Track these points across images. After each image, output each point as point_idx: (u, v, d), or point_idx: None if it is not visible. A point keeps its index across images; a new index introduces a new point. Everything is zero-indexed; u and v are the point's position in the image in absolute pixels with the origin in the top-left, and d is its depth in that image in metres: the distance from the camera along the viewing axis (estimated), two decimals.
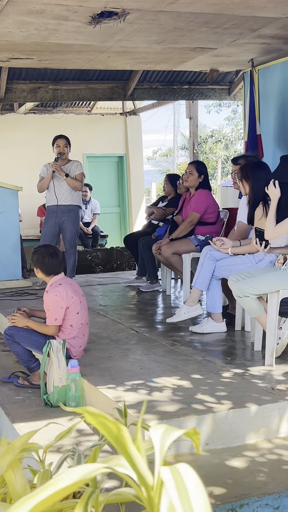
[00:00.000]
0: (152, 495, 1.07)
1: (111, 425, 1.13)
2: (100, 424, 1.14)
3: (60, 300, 3.88)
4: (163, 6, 4.96)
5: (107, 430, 1.13)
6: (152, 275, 6.76)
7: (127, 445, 1.10)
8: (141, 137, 13.35)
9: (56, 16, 5.15)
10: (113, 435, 1.12)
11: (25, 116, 12.00)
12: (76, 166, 6.83)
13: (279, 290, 3.82)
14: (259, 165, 4.60)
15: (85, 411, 1.17)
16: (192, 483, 1.03)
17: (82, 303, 4.02)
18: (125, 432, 1.11)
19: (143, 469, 1.08)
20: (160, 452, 1.11)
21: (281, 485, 2.54)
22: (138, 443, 1.11)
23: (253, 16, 5.37)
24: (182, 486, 1.02)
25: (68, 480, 1.05)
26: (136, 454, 1.09)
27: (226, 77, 9.13)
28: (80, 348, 4.05)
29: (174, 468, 1.06)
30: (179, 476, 1.04)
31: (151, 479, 1.08)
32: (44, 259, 3.99)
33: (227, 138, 27.87)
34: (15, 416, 3.45)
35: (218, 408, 3.05)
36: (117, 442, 1.11)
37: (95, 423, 1.15)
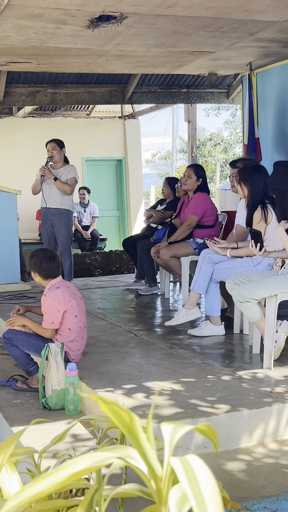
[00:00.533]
0: (160, 486, 1.08)
1: (124, 414, 1.14)
2: (113, 412, 1.15)
3: (58, 303, 3.88)
4: (161, 10, 4.98)
5: (120, 419, 1.14)
6: (150, 278, 6.76)
7: (139, 435, 1.11)
8: (140, 141, 13.37)
9: (55, 20, 5.17)
10: (125, 424, 1.13)
11: (24, 120, 12.02)
12: (69, 171, 6.78)
13: (277, 294, 3.82)
14: (257, 168, 4.61)
15: (100, 398, 1.18)
16: (202, 472, 1.05)
17: (80, 306, 4.02)
18: (137, 421, 1.12)
19: (153, 459, 1.10)
20: (169, 444, 1.12)
21: (279, 488, 2.54)
22: (148, 434, 1.12)
23: (251, 19, 5.39)
24: (193, 476, 1.04)
25: (80, 465, 1.06)
26: (146, 445, 1.10)
27: (224, 80, 9.15)
28: (79, 351, 4.05)
29: (184, 459, 1.08)
30: (189, 466, 1.06)
31: (160, 470, 1.09)
32: (41, 262, 3.99)
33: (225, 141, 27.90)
34: (13, 419, 3.45)
35: (216, 411, 3.05)
36: (129, 431, 1.12)
37: (108, 412, 1.16)
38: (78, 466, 1.06)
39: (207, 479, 1.04)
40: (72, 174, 6.77)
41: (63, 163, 6.85)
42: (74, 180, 6.79)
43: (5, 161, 11.73)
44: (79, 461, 1.07)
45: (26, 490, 1.04)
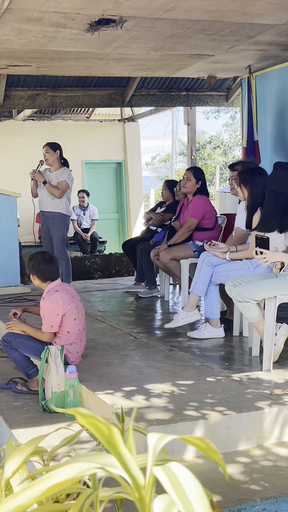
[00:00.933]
0: (143, 495, 1.08)
1: (102, 427, 1.14)
2: (91, 425, 1.15)
3: (57, 307, 3.89)
4: (160, 14, 5.00)
5: (99, 431, 1.14)
6: (150, 281, 6.77)
7: (118, 446, 1.11)
8: (140, 143, 13.40)
9: (54, 23, 5.19)
10: (105, 436, 1.13)
11: (24, 123, 12.04)
12: (61, 174, 6.67)
13: (276, 296, 3.83)
14: (257, 171, 4.62)
15: (77, 412, 1.18)
16: (185, 478, 1.05)
17: (78, 309, 4.02)
18: (116, 433, 1.12)
19: (134, 469, 1.09)
20: (153, 453, 1.13)
21: (279, 490, 2.54)
22: (129, 444, 1.13)
23: (250, 23, 5.41)
24: (177, 482, 1.04)
25: (60, 477, 1.06)
26: (127, 455, 1.10)
27: (223, 83, 9.17)
28: (78, 354, 4.05)
29: (166, 467, 1.08)
30: (171, 473, 1.06)
31: (142, 480, 1.09)
32: (39, 265, 4.01)
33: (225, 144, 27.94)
34: (13, 422, 3.46)
35: (215, 413, 3.06)
36: (109, 443, 1.12)
37: (86, 424, 1.16)
38: (57, 478, 1.05)
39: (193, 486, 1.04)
40: (63, 177, 6.63)
41: (58, 166, 6.74)
42: (65, 183, 6.63)
43: (5, 164, 11.75)
44: (59, 473, 1.06)
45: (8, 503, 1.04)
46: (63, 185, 6.63)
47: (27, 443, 1.65)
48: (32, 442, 1.64)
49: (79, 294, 4.25)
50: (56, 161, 6.74)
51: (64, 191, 6.64)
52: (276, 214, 4.01)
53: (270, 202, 4.02)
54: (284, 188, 3.94)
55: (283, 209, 3.98)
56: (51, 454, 1.99)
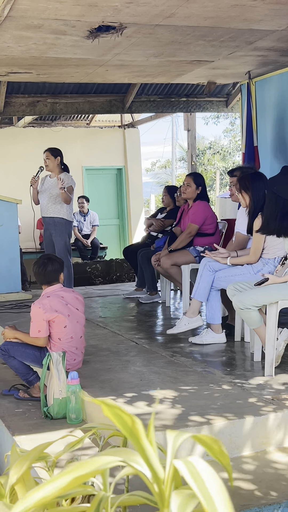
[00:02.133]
0: (163, 489, 1.10)
1: (127, 418, 1.15)
2: (116, 416, 1.16)
3: (42, 313, 3.88)
4: (160, 20, 5.01)
5: (122, 423, 1.15)
6: (151, 287, 6.77)
7: (141, 438, 1.12)
8: (140, 149, 13.42)
9: (54, 30, 5.20)
10: (128, 427, 1.14)
11: (24, 130, 12.07)
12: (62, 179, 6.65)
13: (278, 301, 3.83)
14: (257, 176, 4.63)
15: (102, 402, 1.19)
16: (207, 473, 1.06)
17: (71, 316, 3.97)
18: (140, 425, 1.13)
19: (155, 462, 1.11)
20: (172, 448, 1.14)
21: (282, 496, 2.54)
22: (150, 437, 1.14)
23: (250, 29, 5.42)
24: (198, 477, 1.06)
25: (85, 469, 1.07)
26: (149, 448, 1.11)
27: (223, 89, 9.20)
28: (75, 361, 4.02)
29: (187, 461, 1.09)
30: (193, 468, 1.07)
31: (162, 473, 1.10)
32: (34, 268, 4.10)
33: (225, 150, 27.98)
34: (15, 428, 3.45)
35: (218, 418, 3.05)
36: (131, 434, 1.13)
37: (110, 415, 1.17)
38: (83, 469, 1.07)
39: (213, 479, 1.05)
40: (68, 183, 6.63)
41: (58, 172, 6.73)
42: (71, 188, 6.68)
43: (5, 170, 11.77)
44: (84, 465, 1.08)
45: (33, 495, 1.05)
46: (71, 190, 6.68)
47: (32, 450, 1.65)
48: (37, 449, 1.65)
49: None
50: (56, 168, 6.74)
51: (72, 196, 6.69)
52: (275, 219, 4.01)
53: (270, 204, 4.02)
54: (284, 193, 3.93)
55: (281, 214, 3.98)
56: (56, 459, 1.99)
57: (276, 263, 4.37)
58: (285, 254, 4.19)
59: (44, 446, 1.73)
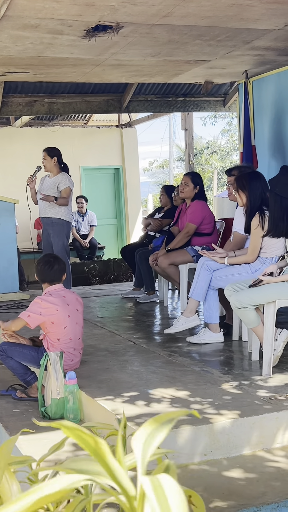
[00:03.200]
0: (134, 506, 1.07)
1: (89, 439, 1.13)
2: (78, 437, 1.14)
3: (43, 306, 3.90)
4: (156, 20, 5.01)
5: (85, 444, 1.13)
6: (149, 286, 6.77)
7: (106, 458, 1.10)
8: (137, 149, 13.41)
9: (51, 30, 5.20)
10: (91, 448, 1.12)
11: (21, 129, 12.06)
12: (60, 180, 6.62)
13: (275, 300, 3.83)
14: (254, 175, 4.63)
15: (61, 425, 1.17)
16: (172, 493, 1.03)
17: (71, 317, 3.99)
18: (103, 445, 1.11)
19: (124, 480, 1.08)
20: (142, 461, 1.11)
21: (280, 495, 2.54)
22: (118, 455, 1.12)
23: (247, 28, 5.42)
24: (163, 496, 1.02)
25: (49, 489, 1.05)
26: (116, 466, 1.09)
27: (220, 88, 9.19)
28: (72, 362, 4.02)
29: (155, 478, 1.06)
30: (159, 485, 1.04)
31: (133, 490, 1.08)
32: (38, 265, 4.10)
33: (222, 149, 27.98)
34: (13, 429, 3.44)
35: (216, 418, 3.05)
36: (96, 455, 1.11)
37: (72, 437, 1.15)
38: (48, 489, 1.05)
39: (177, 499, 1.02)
40: (65, 184, 6.58)
41: (57, 172, 6.68)
42: (69, 189, 6.61)
43: (2, 170, 11.75)
44: (50, 484, 1.06)
45: None
46: (67, 192, 6.61)
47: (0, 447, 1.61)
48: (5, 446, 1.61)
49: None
50: (54, 167, 6.68)
51: (69, 197, 6.63)
52: (282, 220, 3.99)
53: (275, 207, 4.00)
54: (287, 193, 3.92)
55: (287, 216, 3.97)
56: (40, 462, 1.97)
57: (274, 262, 4.37)
58: (283, 253, 4.19)
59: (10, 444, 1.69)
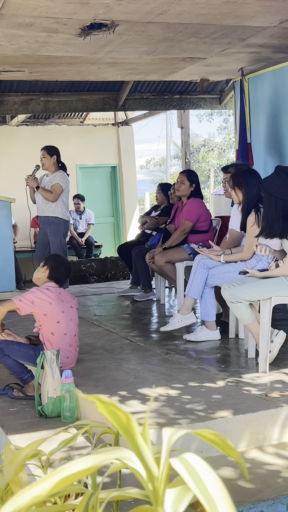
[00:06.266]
0: (157, 487, 1.09)
1: (122, 415, 1.15)
2: (111, 413, 1.16)
3: (37, 297, 3.92)
4: (151, 17, 5.00)
5: (117, 420, 1.15)
6: (146, 284, 6.77)
7: (135, 435, 1.12)
8: (134, 147, 13.41)
9: (46, 28, 5.19)
10: (123, 424, 1.14)
11: (17, 128, 12.04)
12: (55, 177, 6.60)
13: (271, 297, 3.83)
14: (250, 173, 4.63)
15: (97, 398, 1.19)
16: (203, 469, 1.06)
17: (66, 313, 4.00)
18: (134, 422, 1.13)
19: (150, 460, 1.11)
20: (167, 445, 1.14)
21: (276, 492, 2.54)
22: (145, 435, 1.13)
23: (242, 25, 5.42)
24: (195, 473, 1.05)
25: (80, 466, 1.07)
26: (143, 445, 1.11)
27: (216, 86, 9.19)
28: (68, 358, 4.02)
29: (182, 458, 1.09)
30: (188, 464, 1.07)
31: (157, 471, 1.10)
32: (61, 266, 4.14)
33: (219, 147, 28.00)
34: (10, 427, 3.44)
35: (212, 416, 3.06)
36: (126, 431, 1.13)
37: (105, 412, 1.17)
38: (77, 467, 1.07)
39: (211, 476, 1.05)
40: (56, 180, 6.55)
41: (55, 170, 6.66)
42: (58, 186, 6.54)
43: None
44: (79, 463, 1.08)
45: (24, 494, 1.05)
46: (56, 188, 6.53)
47: (25, 447, 1.65)
48: (30, 446, 1.65)
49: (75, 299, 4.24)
50: (52, 166, 6.65)
51: (57, 194, 6.53)
52: (277, 221, 3.98)
53: (270, 208, 3.98)
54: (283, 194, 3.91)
55: (283, 215, 3.96)
56: (49, 456, 1.99)
57: (270, 259, 4.37)
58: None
59: (38, 443, 1.73)
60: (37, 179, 6.69)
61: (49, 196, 6.52)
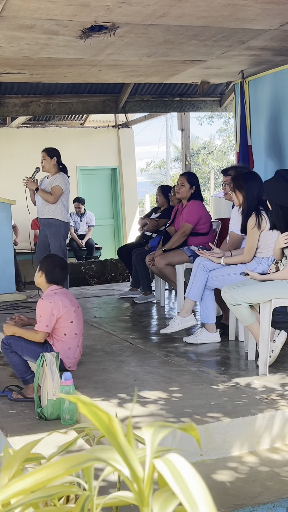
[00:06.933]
0: (142, 488, 1.08)
1: (103, 415, 1.13)
2: (92, 414, 1.15)
3: (54, 307, 3.91)
4: (152, 20, 5.01)
5: (99, 420, 1.13)
6: (146, 287, 6.76)
7: (118, 436, 1.10)
8: (134, 149, 13.41)
9: (47, 30, 5.19)
10: (105, 425, 1.13)
11: (18, 130, 12.04)
12: (54, 178, 6.60)
13: (271, 299, 3.83)
14: (250, 175, 4.63)
15: (78, 399, 1.18)
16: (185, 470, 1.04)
17: (76, 313, 4.05)
18: (117, 423, 1.11)
19: (134, 461, 1.09)
20: (151, 445, 1.12)
21: (275, 495, 2.54)
22: (129, 435, 1.12)
23: (242, 28, 5.42)
24: (178, 475, 1.04)
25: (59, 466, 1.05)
26: (127, 446, 1.09)
27: (217, 88, 9.20)
28: (75, 359, 4.05)
29: (166, 459, 1.07)
30: (172, 465, 1.06)
31: (141, 472, 1.09)
32: (54, 268, 4.08)
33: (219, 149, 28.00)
34: (9, 429, 3.44)
35: (211, 418, 3.05)
36: (109, 432, 1.12)
37: (87, 413, 1.15)
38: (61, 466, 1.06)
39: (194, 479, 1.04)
40: (56, 183, 6.56)
41: (55, 172, 6.66)
42: (58, 188, 6.54)
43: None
44: (58, 463, 1.06)
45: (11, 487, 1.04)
46: (56, 190, 6.53)
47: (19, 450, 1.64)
48: (24, 449, 1.64)
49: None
50: (52, 168, 6.65)
51: (57, 196, 6.53)
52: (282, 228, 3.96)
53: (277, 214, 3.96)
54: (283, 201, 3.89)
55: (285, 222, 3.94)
56: (49, 459, 1.98)
57: (270, 262, 4.37)
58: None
59: (32, 445, 1.72)
60: (37, 181, 6.69)
61: (49, 198, 6.52)
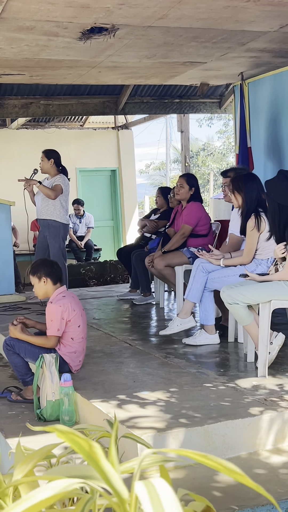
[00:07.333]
0: (127, 509, 1.06)
1: (83, 442, 1.12)
2: (72, 441, 1.14)
3: (64, 311, 3.91)
4: (152, 22, 5.01)
5: (79, 447, 1.13)
6: (145, 288, 6.77)
7: (100, 461, 1.09)
8: (133, 151, 13.42)
9: (47, 32, 5.20)
10: (85, 451, 1.12)
11: (18, 131, 12.05)
12: (55, 179, 6.65)
13: (270, 301, 3.83)
14: (250, 177, 4.63)
15: (55, 429, 1.17)
16: (166, 497, 1.02)
17: (83, 316, 4.06)
18: (97, 448, 1.10)
19: (117, 483, 1.08)
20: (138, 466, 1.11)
21: (275, 496, 2.53)
22: (111, 458, 1.11)
23: (242, 30, 5.43)
24: (157, 501, 1.01)
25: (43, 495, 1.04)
26: (109, 469, 1.08)
27: (216, 90, 9.21)
28: (80, 362, 4.06)
29: (149, 483, 1.06)
30: (154, 490, 1.03)
31: (126, 493, 1.07)
32: (52, 266, 4.06)
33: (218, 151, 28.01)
34: (8, 431, 3.44)
35: (211, 420, 3.05)
36: (90, 458, 1.11)
37: (66, 440, 1.15)
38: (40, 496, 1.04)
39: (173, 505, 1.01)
40: (57, 182, 6.62)
41: (54, 174, 6.69)
42: (60, 186, 6.60)
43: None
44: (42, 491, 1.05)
45: None
46: (58, 188, 6.60)
47: (38, 450, 1.64)
48: (43, 450, 1.63)
49: None
50: (51, 169, 6.68)
51: (59, 192, 6.59)
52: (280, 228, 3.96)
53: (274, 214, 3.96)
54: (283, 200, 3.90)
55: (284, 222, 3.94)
56: (59, 459, 1.97)
57: (269, 264, 4.37)
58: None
59: (51, 447, 1.72)
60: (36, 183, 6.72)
61: (50, 192, 6.56)
